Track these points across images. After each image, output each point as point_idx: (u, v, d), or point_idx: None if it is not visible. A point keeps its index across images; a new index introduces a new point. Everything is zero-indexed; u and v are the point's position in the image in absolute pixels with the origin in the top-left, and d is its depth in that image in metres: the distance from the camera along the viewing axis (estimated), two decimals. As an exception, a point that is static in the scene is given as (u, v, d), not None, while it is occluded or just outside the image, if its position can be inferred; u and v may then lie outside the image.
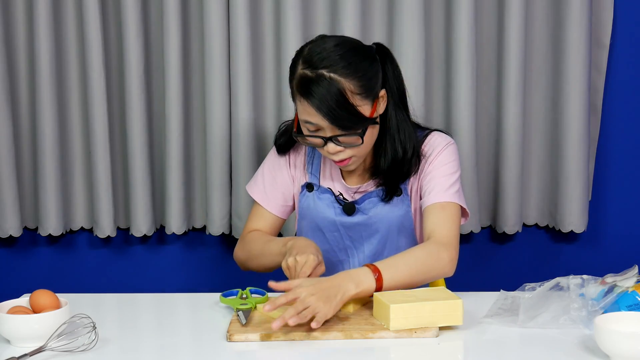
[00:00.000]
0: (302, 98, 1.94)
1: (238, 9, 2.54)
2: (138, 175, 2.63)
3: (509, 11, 2.56)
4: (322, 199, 2.13)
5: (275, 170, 2.19)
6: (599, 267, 2.17)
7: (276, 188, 2.18)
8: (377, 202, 2.09)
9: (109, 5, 2.61)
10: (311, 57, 1.94)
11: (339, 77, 1.92)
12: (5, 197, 2.62)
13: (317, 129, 1.97)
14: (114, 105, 2.66)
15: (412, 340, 1.74)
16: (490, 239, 2.79)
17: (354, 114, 1.93)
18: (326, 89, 1.91)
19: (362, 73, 1.95)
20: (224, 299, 1.95)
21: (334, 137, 1.96)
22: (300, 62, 1.96)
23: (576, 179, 2.62)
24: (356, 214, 2.11)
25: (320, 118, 1.93)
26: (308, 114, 1.95)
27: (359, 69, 1.94)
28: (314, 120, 1.95)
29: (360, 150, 2.00)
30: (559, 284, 1.84)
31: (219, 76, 2.58)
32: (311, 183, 2.14)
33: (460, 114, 2.59)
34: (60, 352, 1.68)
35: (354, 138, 1.97)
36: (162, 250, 2.79)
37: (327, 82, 1.91)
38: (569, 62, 2.58)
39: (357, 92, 1.94)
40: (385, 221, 2.09)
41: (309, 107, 1.93)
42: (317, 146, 2.01)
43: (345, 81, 1.92)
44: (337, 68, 1.92)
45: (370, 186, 2.11)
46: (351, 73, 1.93)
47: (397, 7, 2.56)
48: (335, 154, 1.99)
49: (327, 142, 1.97)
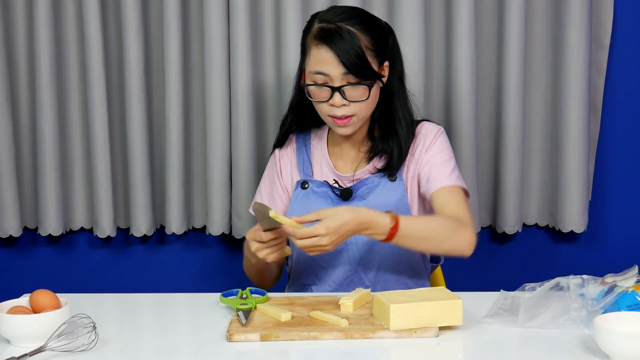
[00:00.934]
0: (320, 44, 2.04)
1: (238, 9, 2.54)
2: (138, 175, 2.63)
3: (509, 11, 2.56)
4: (317, 192, 2.16)
5: (271, 180, 2.26)
6: (599, 267, 2.17)
7: (274, 199, 2.24)
8: (373, 188, 2.13)
9: (109, 5, 2.61)
10: (328, 15, 2.08)
11: (356, 30, 2.04)
12: (5, 197, 2.62)
13: (325, 81, 2.05)
14: (114, 105, 2.66)
15: (412, 340, 1.74)
16: (490, 239, 2.79)
17: (366, 64, 2.03)
18: (345, 38, 2.03)
19: (375, 32, 2.08)
20: (224, 299, 1.95)
21: (342, 88, 2.04)
22: (316, 20, 2.08)
23: (576, 179, 2.62)
24: (353, 200, 2.13)
25: (334, 65, 2.02)
26: (323, 61, 2.04)
27: (372, 27, 2.08)
28: (326, 69, 2.03)
29: (362, 109, 2.07)
30: (559, 284, 1.84)
31: (219, 76, 2.58)
32: (305, 180, 2.16)
33: (460, 114, 2.59)
34: (60, 352, 1.68)
35: (362, 90, 2.05)
36: (162, 250, 2.79)
37: (346, 32, 2.03)
38: (569, 62, 2.58)
39: (370, 48, 2.05)
40: (381, 206, 2.10)
41: (326, 53, 2.03)
42: (322, 101, 2.07)
43: (361, 35, 2.04)
44: (355, 22, 2.05)
45: (365, 174, 2.15)
46: (366, 29, 2.06)
47: (397, 7, 2.56)
48: (340, 108, 2.06)
49: (333, 93, 2.04)
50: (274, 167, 2.26)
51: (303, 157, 2.21)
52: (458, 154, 2.59)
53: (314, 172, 2.20)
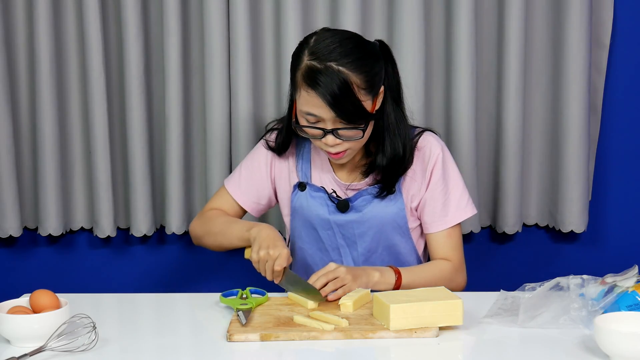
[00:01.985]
0: (309, 89, 1.95)
1: (238, 9, 2.54)
2: (138, 175, 2.63)
3: (509, 11, 2.56)
4: (315, 197, 2.14)
5: (254, 168, 2.21)
6: (599, 267, 2.17)
7: (252, 185, 2.21)
8: (371, 200, 2.11)
9: (109, 5, 2.61)
10: (319, 49, 1.96)
11: (347, 70, 1.94)
12: (5, 197, 2.62)
13: (317, 120, 1.98)
14: (114, 105, 2.66)
15: (412, 340, 1.74)
16: (490, 239, 2.79)
17: (358, 108, 1.96)
18: (334, 81, 1.93)
19: (368, 69, 1.97)
20: (224, 299, 1.95)
21: (335, 130, 1.98)
22: (306, 52, 1.98)
23: (576, 179, 2.62)
24: (350, 212, 2.12)
25: (325, 110, 1.95)
26: (312, 105, 1.96)
27: (365, 64, 1.97)
28: (317, 112, 1.96)
29: (357, 144, 2.03)
30: (559, 284, 1.84)
31: (219, 76, 2.58)
32: (303, 182, 2.15)
33: (460, 114, 2.59)
34: (60, 352, 1.68)
35: (355, 132, 1.99)
36: (162, 250, 2.79)
37: (335, 75, 1.93)
38: (569, 62, 2.58)
39: (362, 87, 1.96)
40: (378, 219, 2.10)
41: (315, 98, 1.95)
42: (315, 138, 2.02)
43: (353, 75, 1.95)
44: (346, 62, 1.94)
45: (363, 185, 2.12)
46: (358, 68, 1.95)
47: (397, 7, 2.56)
48: (333, 147, 2.01)
49: (326, 134, 1.99)
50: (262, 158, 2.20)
51: (302, 159, 2.19)
52: (458, 154, 2.59)
53: (313, 176, 2.17)
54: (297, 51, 2.01)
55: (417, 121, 2.51)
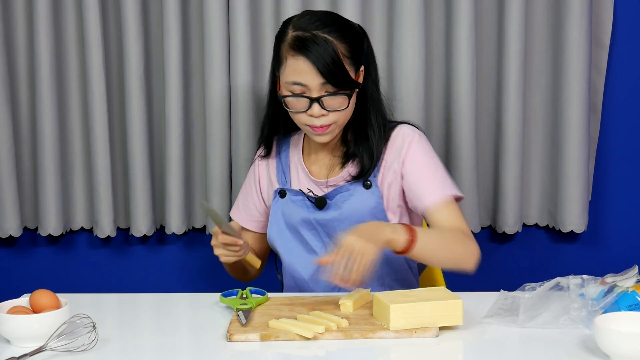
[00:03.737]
0: (296, 54, 1.99)
1: (238, 9, 2.54)
2: (138, 175, 2.63)
3: (509, 11, 2.56)
4: (294, 201, 2.16)
5: (246, 187, 2.29)
6: (599, 267, 2.17)
7: (247, 204, 2.27)
8: (348, 197, 2.11)
9: (109, 5, 2.61)
10: (302, 23, 2.03)
11: (332, 38, 2.00)
12: (5, 197, 2.62)
13: (303, 91, 2.01)
14: (114, 105, 2.66)
15: (412, 340, 1.74)
16: (490, 239, 2.79)
17: (344, 73, 2.00)
18: (322, 47, 1.98)
19: (351, 39, 2.04)
20: (224, 299, 1.95)
21: (321, 98, 2.01)
22: (290, 27, 2.04)
23: (576, 179, 2.62)
24: (328, 209, 2.12)
25: (312, 76, 1.99)
26: (300, 72, 1.99)
27: (348, 34, 2.04)
28: (303, 79, 2.00)
29: (341, 117, 2.05)
30: (559, 284, 1.84)
31: (219, 76, 2.58)
32: (283, 189, 2.17)
33: (460, 114, 2.59)
34: (60, 352, 1.68)
35: (341, 99, 2.02)
36: (162, 250, 2.79)
37: (322, 41, 1.99)
38: (569, 62, 2.58)
39: (347, 56, 2.02)
40: (357, 214, 2.10)
41: (303, 64, 1.99)
42: (300, 111, 2.04)
43: (338, 43, 2.01)
44: (331, 30, 2.01)
45: (339, 181, 2.13)
46: (342, 36, 2.02)
47: (397, 7, 2.56)
48: (318, 118, 2.03)
49: (312, 104, 2.01)
50: (251, 175, 2.27)
51: (282, 164, 2.21)
52: (458, 155, 2.59)
53: (292, 180, 2.19)
54: (280, 29, 2.07)
55: (418, 121, 2.51)
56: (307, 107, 2.02)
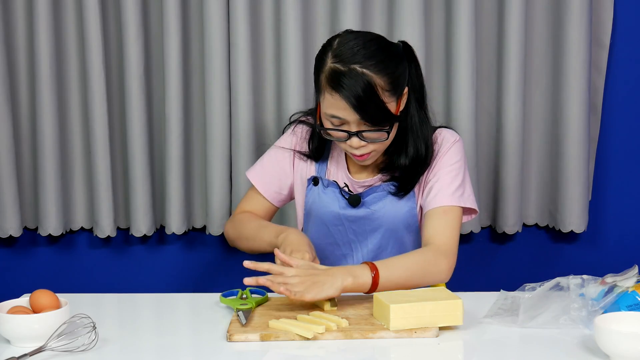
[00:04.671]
0: (333, 91, 1.95)
1: (238, 9, 2.54)
2: (138, 175, 2.63)
3: (509, 11, 2.56)
4: (326, 192, 2.13)
5: (277, 158, 2.19)
6: (599, 267, 2.17)
7: (274, 175, 2.19)
8: (383, 197, 2.10)
9: (109, 5, 2.61)
10: (342, 52, 1.96)
11: (370, 72, 1.94)
12: (5, 197, 2.62)
13: (342, 123, 1.98)
14: (114, 105, 2.66)
15: (412, 340, 1.74)
16: (490, 239, 2.79)
17: (383, 110, 1.96)
18: (359, 84, 1.93)
19: (392, 70, 1.97)
20: (224, 299, 1.95)
21: (359, 132, 1.98)
22: (329, 55, 1.97)
23: (576, 179, 2.62)
24: (361, 207, 2.11)
25: (350, 112, 1.95)
26: (337, 107, 1.96)
27: (389, 66, 1.97)
28: (341, 114, 1.96)
29: (381, 145, 2.02)
30: (559, 284, 1.84)
31: (219, 76, 2.59)
32: (317, 177, 2.15)
33: (460, 114, 2.59)
34: (60, 352, 1.68)
35: (380, 134, 1.99)
36: (162, 250, 2.79)
37: (359, 77, 1.93)
38: (569, 62, 2.58)
39: (386, 89, 1.96)
40: (389, 216, 2.09)
41: (339, 101, 1.95)
42: (340, 140, 2.02)
43: (377, 77, 1.94)
44: (369, 64, 1.94)
45: (376, 181, 2.11)
46: (382, 70, 1.95)
47: (397, 7, 2.56)
48: (358, 149, 2.01)
49: (351, 136, 1.99)
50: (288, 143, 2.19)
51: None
52: (458, 154, 2.59)
53: (329, 171, 2.16)
54: (321, 54, 2.01)
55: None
56: (346, 138, 2.00)
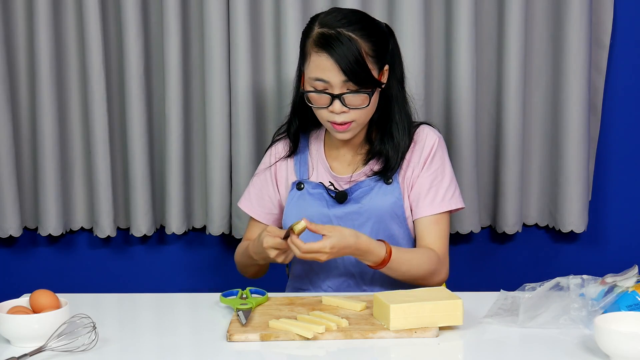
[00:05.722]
0: (319, 50, 2.02)
1: (238, 9, 2.54)
2: (138, 176, 2.63)
3: (509, 11, 2.56)
4: (313, 194, 2.16)
5: (260, 182, 2.26)
6: (599, 267, 2.17)
7: (261, 198, 2.25)
8: (368, 191, 2.13)
9: (109, 5, 2.61)
10: (328, 19, 2.05)
11: (356, 36, 2.02)
12: (5, 197, 2.62)
13: (325, 87, 2.04)
14: (114, 105, 2.66)
15: (412, 340, 1.74)
16: (490, 239, 2.79)
17: (366, 71, 2.02)
18: (345, 45, 2.01)
19: (376, 39, 2.06)
20: (224, 299, 1.95)
21: (342, 95, 2.03)
22: (316, 24, 2.06)
23: (576, 179, 2.62)
24: (348, 203, 2.13)
25: (335, 72, 2.01)
26: (323, 68, 2.02)
27: (373, 33, 2.06)
28: (326, 75, 2.02)
29: (361, 115, 2.07)
30: (559, 284, 1.84)
31: (219, 76, 2.58)
32: (301, 181, 2.17)
33: (460, 114, 2.59)
34: (60, 352, 1.68)
35: (362, 98, 2.04)
36: (162, 250, 2.79)
37: (346, 39, 2.01)
38: (569, 62, 2.58)
39: (370, 54, 2.04)
40: (376, 208, 2.11)
41: (325, 61, 2.01)
42: (321, 107, 2.06)
43: (362, 41, 2.03)
44: (355, 28, 2.03)
45: (361, 176, 2.14)
46: (366, 35, 2.04)
47: (397, 6, 2.56)
48: (339, 115, 2.05)
49: (333, 100, 2.03)
50: (266, 163, 2.26)
51: (300, 158, 2.21)
52: (458, 154, 2.59)
53: (310, 174, 2.19)
54: (307, 26, 2.10)
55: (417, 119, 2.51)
56: (328, 104, 2.05)
